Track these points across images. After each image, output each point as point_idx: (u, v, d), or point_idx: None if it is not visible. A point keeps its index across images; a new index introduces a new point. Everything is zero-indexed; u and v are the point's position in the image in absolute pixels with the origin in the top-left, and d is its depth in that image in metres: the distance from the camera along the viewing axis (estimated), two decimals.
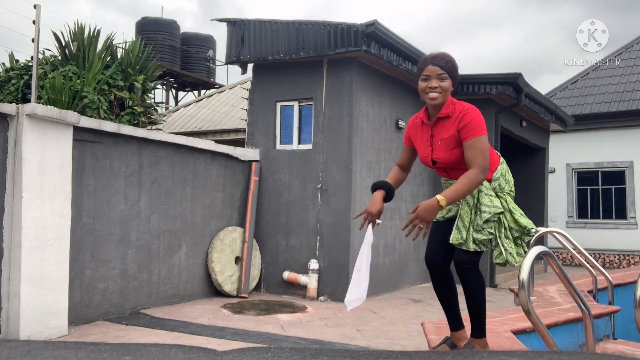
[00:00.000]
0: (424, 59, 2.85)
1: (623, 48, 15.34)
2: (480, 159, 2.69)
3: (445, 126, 2.83)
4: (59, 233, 5.01)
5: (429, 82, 2.79)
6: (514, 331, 3.57)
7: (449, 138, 2.82)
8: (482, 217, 2.78)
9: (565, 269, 3.21)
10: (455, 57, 2.89)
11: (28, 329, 4.74)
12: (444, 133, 2.84)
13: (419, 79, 2.84)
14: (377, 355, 0.83)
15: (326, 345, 4.98)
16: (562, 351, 0.86)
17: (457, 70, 2.85)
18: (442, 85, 2.77)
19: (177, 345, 0.87)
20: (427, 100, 2.83)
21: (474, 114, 2.79)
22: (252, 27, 7.98)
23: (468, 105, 2.85)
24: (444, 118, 2.84)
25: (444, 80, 2.78)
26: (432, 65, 2.78)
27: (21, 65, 8.99)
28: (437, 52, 2.89)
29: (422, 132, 2.98)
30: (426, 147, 2.95)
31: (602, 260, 13.69)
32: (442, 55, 2.84)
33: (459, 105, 2.84)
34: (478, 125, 2.75)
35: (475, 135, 2.73)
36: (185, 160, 7.00)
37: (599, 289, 5.69)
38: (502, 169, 2.95)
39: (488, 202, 2.81)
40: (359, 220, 7.60)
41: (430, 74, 2.78)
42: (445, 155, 2.85)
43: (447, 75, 2.78)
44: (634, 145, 13.67)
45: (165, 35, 17.24)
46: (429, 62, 2.80)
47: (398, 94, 8.66)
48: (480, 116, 2.80)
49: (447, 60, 2.80)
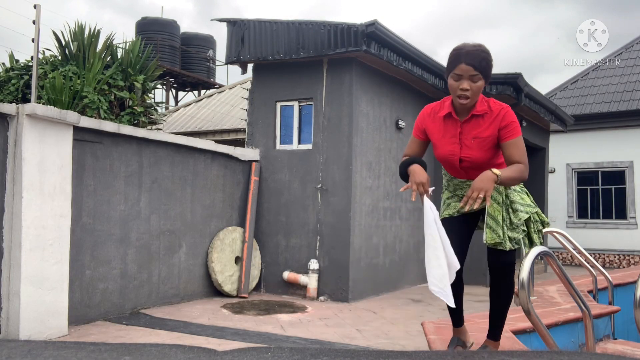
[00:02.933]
0: (457, 53, 2.60)
1: (623, 48, 15.34)
2: (524, 156, 2.63)
3: (482, 124, 2.67)
4: (59, 233, 5.01)
5: (461, 82, 2.58)
6: (514, 331, 3.57)
7: (487, 137, 2.66)
8: (518, 217, 2.71)
9: (565, 269, 3.20)
10: None
11: (28, 329, 4.74)
12: (480, 132, 2.67)
13: (449, 76, 2.63)
14: (377, 355, 0.83)
15: (326, 345, 4.98)
16: (562, 351, 0.85)
17: (491, 67, 2.63)
18: (474, 87, 2.58)
19: (177, 345, 0.87)
20: (456, 101, 2.66)
21: (513, 114, 2.69)
22: (252, 27, 7.98)
23: (504, 104, 2.73)
24: (480, 116, 2.67)
25: (477, 81, 2.57)
26: (465, 65, 2.55)
27: (21, 65, 8.99)
28: (471, 44, 2.62)
29: (445, 127, 2.76)
30: (453, 143, 2.74)
31: (602, 260, 13.69)
32: (477, 51, 2.58)
33: (493, 104, 2.69)
34: (517, 125, 2.67)
35: (518, 135, 2.65)
36: (185, 160, 7.00)
37: (599, 289, 5.69)
38: None
39: (520, 199, 2.75)
40: (359, 220, 7.62)
41: (462, 73, 2.56)
42: (480, 154, 2.69)
43: (481, 76, 2.57)
44: (633, 145, 13.67)
45: (165, 35, 17.23)
46: (462, 59, 2.56)
47: (398, 94, 8.66)
48: (515, 116, 2.72)
49: (482, 58, 2.56)
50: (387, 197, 8.40)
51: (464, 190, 2.86)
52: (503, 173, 2.49)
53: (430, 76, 8.62)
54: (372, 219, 7.99)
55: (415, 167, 2.65)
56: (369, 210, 7.93)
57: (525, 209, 2.74)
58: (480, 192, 2.43)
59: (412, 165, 2.67)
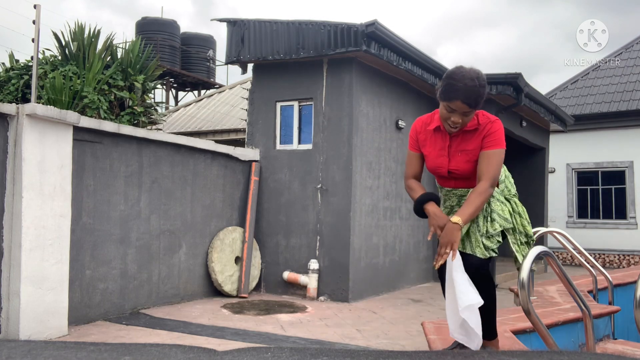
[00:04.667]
0: (455, 87, 2.59)
1: (623, 48, 15.34)
2: (493, 171, 2.64)
3: (470, 137, 2.75)
4: (59, 233, 5.01)
5: (452, 115, 2.64)
6: (514, 331, 3.57)
7: (473, 150, 2.73)
8: (494, 227, 2.73)
9: (565, 269, 3.21)
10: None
11: (28, 329, 4.74)
12: (467, 145, 2.75)
13: (443, 105, 2.66)
14: (377, 355, 0.83)
15: (326, 345, 4.98)
16: (562, 351, 0.86)
17: (484, 97, 2.65)
18: (465, 120, 2.67)
19: (177, 345, 0.87)
20: (445, 127, 2.73)
21: (499, 126, 2.73)
22: (252, 27, 7.98)
23: (493, 117, 2.77)
24: (470, 131, 2.75)
25: (468, 115, 2.65)
26: (461, 102, 2.59)
27: (21, 65, 8.99)
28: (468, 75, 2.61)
29: (435, 139, 2.83)
30: (441, 156, 2.81)
31: (602, 260, 13.69)
32: (475, 87, 2.59)
33: (483, 117, 2.75)
34: (501, 138, 2.70)
35: (496, 147, 2.68)
36: (185, 160, 7.00)
37: (599, 289, 5.69)
38: (504, 171, 2.92)
39: (500, 210, 2.77)
40: (359, 220, 7.62)
41: (456, 109, 2.62)
42: (467, 166, 2.76)
43: (474, 110, 2.65)
44: (633, 145, 13.67)
45: (165, 35, 17.23)
46: (460, 96, 2.58)
47: (398, 94, 8.66)
48: (503, 129, 2.74)
49: (478, 95, 2.59)
50: (387, 197, 8.40)
51: (452, 200, 2.93)
52: (464, 213, 2.57)
53: (430, 76, 8.62)
54: (372, 219, 7.99)
55: (431, 208, 2.71)
56: (369, 210, 7.93)
57: (500, 221, 2.75)
58: (447, 246, 2.53)
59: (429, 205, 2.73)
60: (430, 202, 2.74)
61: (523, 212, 2.86)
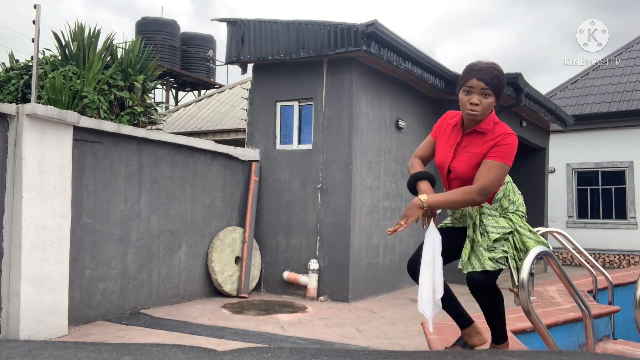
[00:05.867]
0: (470, 69, 2.66)
1: (623, 48, 15.34)
2: (489, 181, 2.59)
3: (479, 141, 2.70)
4: (59, 233, 5.01)
5: (471, 96, 2.63)
6: (514, 331, 3.57)
7: (477, 154, 2.68)
8: (491, 237, 2.68)
9: (565, 269, 3.20)
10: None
11: (28, 329, 4.74)
12: (474, 147, 2.70)
13: (460, 90, 2.67)
14: (377, 355, 0.83)
15: (326, 345, 4.98)
16: (562, 351, 0.86)
17: (503, 86, 2.67)
18: (484, 102, 2.62)
19: (177, 345, 0.87)
20: (465, 115, 2.69)
21: (513, 140, 2.66)
22: (252, 27, 7.98)
23: (510, 130, 2.72)
24: (481, 133, 2.70)
25: (487, 97, 2.62)
26: (476, 80, 2.60)
27: (21, 65, 8.99)
28: (485, 62, 2.69)
29: (450, 134, 2.82)
30: (448, 151, 2.80)
31: (602, 260, 13.69)
32: (490, 68, 2.64)
33: (500, 127, 2.69)
34: (509, 152, 2.63)
35: (502, 160, 2.62)
36: (185, 160, 7.00)
37: (599, 289, 5.70)
38: (504, 189, 2.81)
39: (493, 223, 2.71)
40: (359, 220, 7.62)
41: (473, 86, 2.61)
42: (464, 168, 2.71)
43: (492, 92, 2.62)
44: (634, 145, 13.67)
45: (165, 35, 17.23)
46: (474, 74, 2.61)
47: (398, 94, 8.66)
48: (515, 146, 2.67)
49: (494, 76, 2.62)
50: (387, 197, 8.40)
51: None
52: (435, 196, 2.57)
53: (430, 76, 8.62)
54: (372, 219, 7.99)
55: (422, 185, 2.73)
56: (369, 210, 7.93)
57: (497, 230, 2.69)
58: (405, 219, 2.61)
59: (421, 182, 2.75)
60: (424, 180, 2.75)
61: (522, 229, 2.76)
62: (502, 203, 2.79)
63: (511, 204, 2.80)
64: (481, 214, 2.74)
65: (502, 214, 2.77)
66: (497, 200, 2.79)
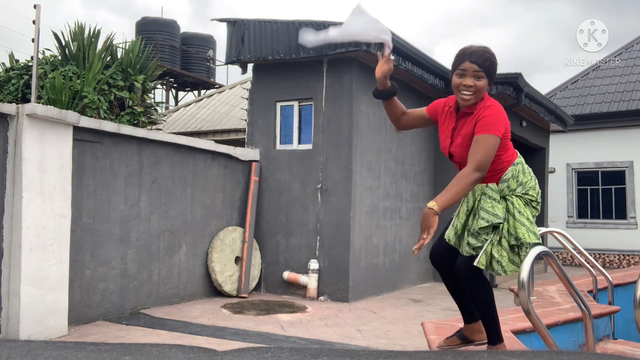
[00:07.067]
0: (462, 52, 2.68)
1: (623, 48, 15.34)
2: (480, 156, 2.54)
3: (468, 122, 2.71)
4: (59, 233, 5.01)
5: (464, 79, 2.63)
6: (514, 331, 3.57)
7: (467, 134, 2.68)
8: (478, 224, 2.64)
9: (565, 269, 3.20)
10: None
11: (28, 329, 4.74)
12: (464, 128, 2.72)
13: (453, 74, 2.68)
14: (377, 355, 0.83)
15: (326, 345, 4.98)
16: (562, 351, 0.86)
17: (495, 69, 2.68)
18: (477, 84, 2.62)
19: (177, 345, 0.87)
20: (459, 99, 2.70)
21: (494, 111, 2.63)
22: (252, 27, 7.98)
23: (492, 101, 2.70)
24: (468, 114, 2.71)
25: (480, 79, 2.62)
26: (469, 62, 2.61)
27: (21, 65, 8.99)
28: (477, 45, 2.71)
29: (447, 121, 2.84)
30: (447, 137, 2.82)
31: (602, 260, 13.69)
32: (482, 51, 2.66)
33: (482, 101, 2.69)
34: (492, 122, 2.60)
35: (486, 132, 2.58)
36: (185, 160, 7.00)
37: (599, 289, 5.69)
38: (514, 170, 2.74)
39: (489, 207, 2.66)
40: (359, 220, 7.62)
41: (466, 69, 2.62)
42: (461, 151, 2.72)
43: (484, 75, 2.62)
44: (634, 145, 13.66)
45: (165, 35, 17.23)
46: (467, 57, 2.63)
47: (398, 94, 8.64)
48: (499, 115, 2.64)
49: (486, 58, 2.63)
50: (387, 197, 8.40)
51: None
52: (440, 198, 2.51)
53: (430, 76, 8.62)
54: (372, 219, 7.99)
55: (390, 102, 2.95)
56: (369, 210, 7.93)
57: (488, 217, 2.65)
58: (426, 231, 2.46)
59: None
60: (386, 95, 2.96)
61: (520, 215, 2.68)
62: (510, 184, 2.73)
63: (519, 186, 2.73)
64: (483, 193, 2.71)
65: (508, 194, 2.72)
66: (505, 181, 2.72)
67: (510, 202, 2.70)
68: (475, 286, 2.73)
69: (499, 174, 2.72)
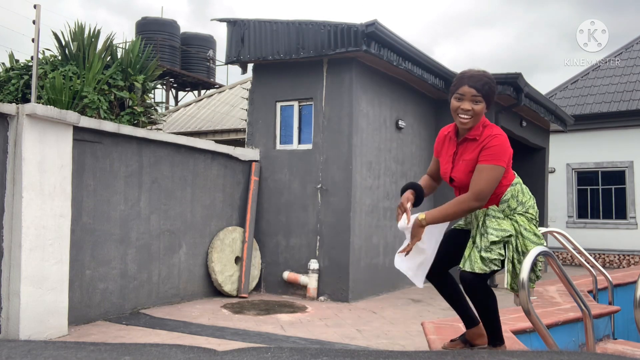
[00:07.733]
0: (461, 76, 2.74)
1: (623, 48, 15.34)
2: (482, 186, 2.62)
3: (470, 147, 2.75)
4: (59, 233, 5.01)
5: (462, 103, 2.68)
6: (514, 331, 3.57)
7: (470, 160, 2.73)
8: (489, 239, 2.68)
9: (565, 269, 3.20)
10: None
11: (28, 329, 4.74)
12: (467, 154, 2.76)
13: (452, 97, 2.74)
14: (377, 355, 0.83)
15: (326, 345, 4.98)
16: (562, 351, 0.86)
17: (494, 93, 2.73)
18: (475, 108, 2.67)
19: (177, 345, 0.87)
20: (457, 122, 2.75)
21: (500, 141, 2.68)
22: (252, 27, 7.98)
23: (498, 130, 2.74)
24: (471, 140, 2.75)
25: (478, 104, 2.68)
26: (468, 87, 2.67)
27: (21, 65, 8.99)
28: (475, 70, 2.77)
29: (448, 147, 2.90)
30: (448, 162, 2.88)
31: (602, 260, 13.69)
32: (480, 75, 2.71)
33: (488, 129, 2.74)
34: (498, 153, 2.65)
35: (491, 162, 2.65)
36: (185, 160, 7.00)
37: (599, 289, 5.70)
38: (513, 190, 2.79)
39: (495, 225, 2.71)
40: (359, 220, 7.62)
41: (464, 94, 2.68)
42: (463, 176, 2.77)
43: (482, 99, 2.68)
44: (634, 145, 13.67)
45: (165, 35, 17.23)
46: (465, 82, 2.69)
47: (398, 94, 8.66)
48: (504, 144, 2.69)
49: (485, 82, 2.68)
50: (387, 197, 8.40)
51: None
52: (432, 212, 2.69)
53: (430, 76, 8.62)
54: (372, 219, 7.99)
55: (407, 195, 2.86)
56: (369, 210, 7.93)
57: (497, 232, 2.69)
58: (412, 239, 2.70)
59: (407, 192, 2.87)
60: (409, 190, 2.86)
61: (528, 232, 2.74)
62: (510, 204, 2.78)
63: (520, 205, 2.79)
64: (486, 215, 2.76)
65: (510, 214, 2.77)
66: (505, 201, 2.78)
67: (514, 220, 2.76)
68: (483, 297, 2.77)
69: (498, 196, 2.79)
